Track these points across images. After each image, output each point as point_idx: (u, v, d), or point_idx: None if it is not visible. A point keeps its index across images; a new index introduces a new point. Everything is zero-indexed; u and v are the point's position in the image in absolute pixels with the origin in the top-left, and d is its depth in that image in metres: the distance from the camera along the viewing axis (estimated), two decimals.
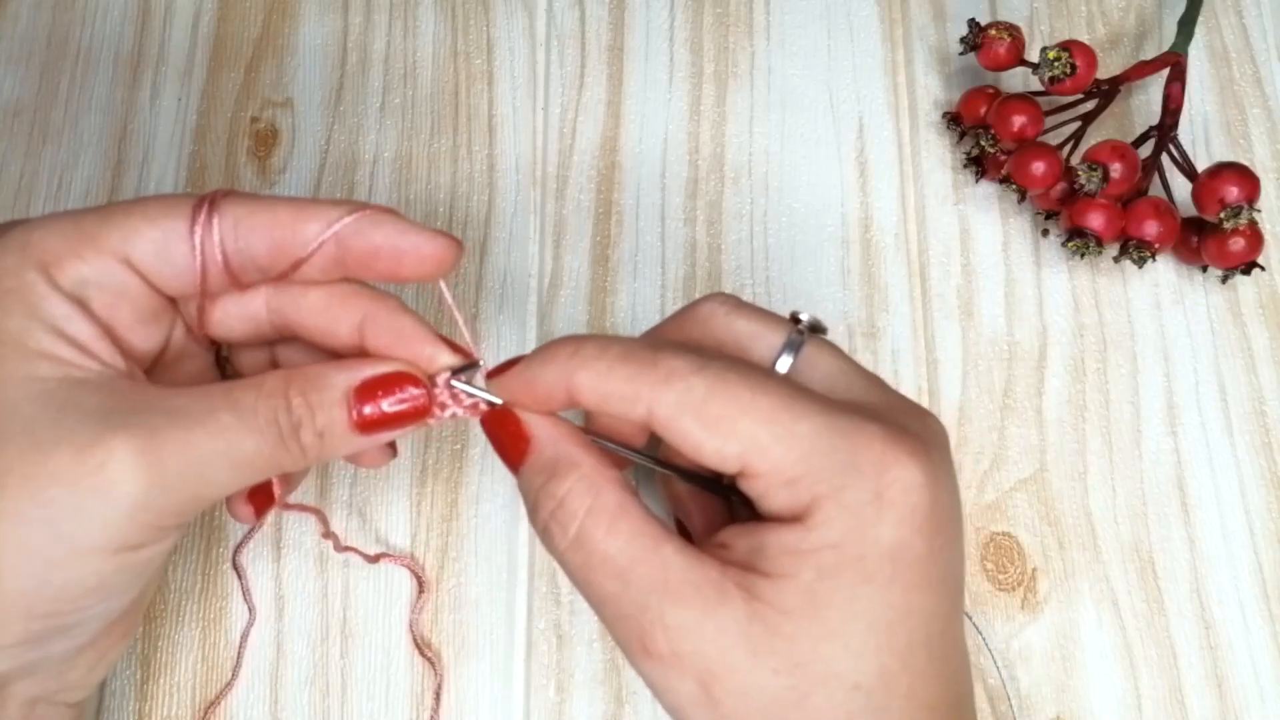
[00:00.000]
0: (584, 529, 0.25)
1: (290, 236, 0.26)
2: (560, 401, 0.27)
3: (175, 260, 0.26)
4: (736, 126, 0.44)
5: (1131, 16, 0.46)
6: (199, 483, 0.25)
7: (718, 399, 0.25)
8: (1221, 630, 0.36)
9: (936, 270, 0.41)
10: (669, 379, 0.25)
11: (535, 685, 0.36)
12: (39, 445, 0.24)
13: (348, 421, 0.26)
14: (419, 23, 0.45)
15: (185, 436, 0.25)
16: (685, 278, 0.41)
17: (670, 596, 0.25)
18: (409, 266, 0.27)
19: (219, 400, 0.26)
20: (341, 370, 0.27)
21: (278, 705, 0.35)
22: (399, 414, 0.27)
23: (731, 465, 0.25)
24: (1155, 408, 0.39)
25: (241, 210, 0.26)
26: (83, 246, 0.25)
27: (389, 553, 0.37)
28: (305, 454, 0.26)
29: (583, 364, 0.26)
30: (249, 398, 0.26)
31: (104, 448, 0.24)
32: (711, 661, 0.24)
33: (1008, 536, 0.38)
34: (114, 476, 0.24)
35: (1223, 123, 0.43)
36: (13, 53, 0.45)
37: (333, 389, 0.26)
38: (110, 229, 0.26)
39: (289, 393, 0.26)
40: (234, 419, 0.25)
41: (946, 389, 0.40)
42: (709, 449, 0.25)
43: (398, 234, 0.27)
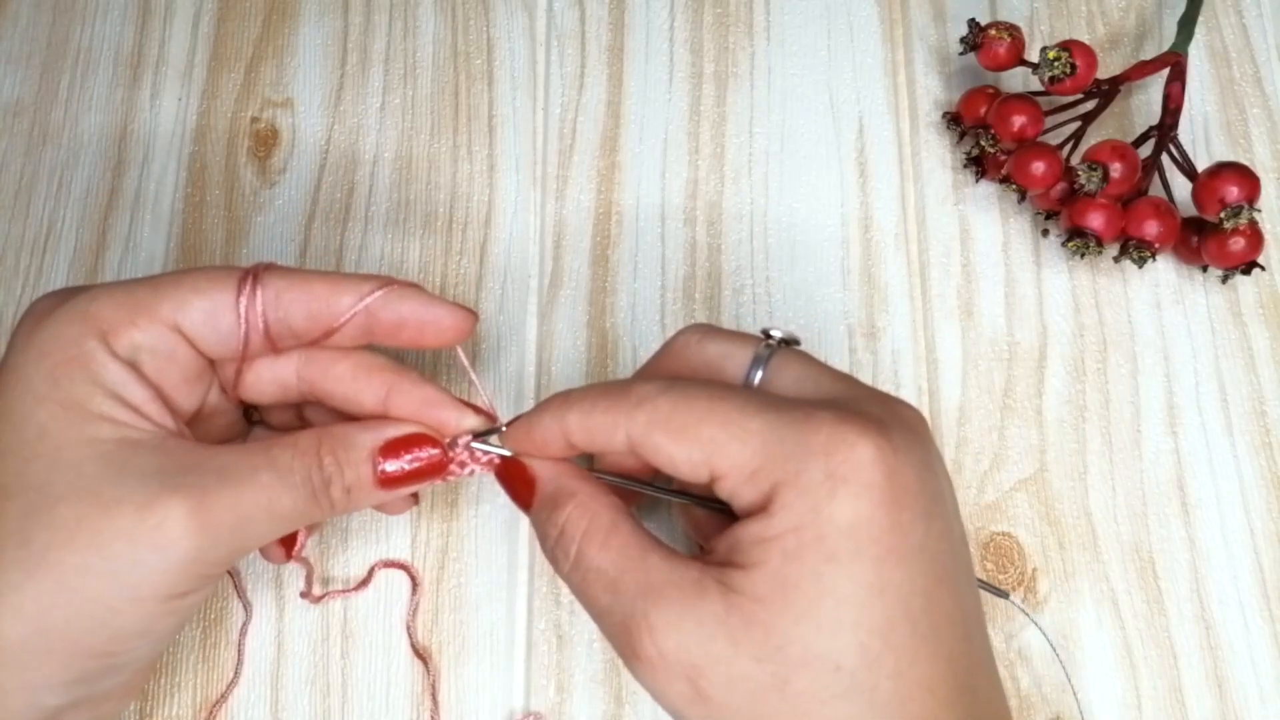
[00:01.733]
0: (580, 549, 0.28)
1: (325, 308, 0.29)
2: (559, 445, 0.29)
3: (221, 328, 0.29)
4: (736, 126, 0.43)
5: (1131, 16, 0.46)
6: (243, 536, 0.28)
7: (680, 412, 0.27)
8: (1221, 630, 0.36)
9: (936, 270, 0.41)
10: (640, 403, 0.27)
11: (535, 685, 0.36)
12: (103, 503, 0.26)
13: (372, 478, 0.29)
14: (419, 23, 0.45)
15: (233, 495, 0.27)
16: (685, 278, 0.41)
17: (653, 598, 0.26)
18: (430, 336, 0.30)
19: (260, 459, 0.28)
20: (367, 431, 0.30)
21: (278, 705, 0.35)
22: (417, 471, 0.30)
23: (702, 472, 0.27)
24: (1155, 408, 0.39)
25: (282, 283, 0.29)
26: (138, 315, 0.28)
27: (381, 561, 0.37)
28: (334, 507, 0.29)
29: (570, 407, 0.28)
30: (285, 457, 0.28)
31: (162, 507, 0.27)
32: (695, 656, 0.25)
33: (1008, 536, 0.38)
34: (170, 533, 0.26)
35: (1223, 123, 0.43)
36: (13, 53, 0.45)
37: (360, 448, 0.29)
38: (162, 299, 0.29)
39: (320, 452, 0.29)
40: (273, 478, 0.28)
41: (946, 389, 0.40)
42: (680, 459, 0.27)
43: (422, 307, 0.30)
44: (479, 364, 0.40)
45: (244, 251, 0.41)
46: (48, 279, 0.41)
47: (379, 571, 0.37)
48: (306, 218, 0.42)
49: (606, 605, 0.27)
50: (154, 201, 0.42)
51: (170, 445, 0.28)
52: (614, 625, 0.27)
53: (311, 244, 0.41)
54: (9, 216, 0.42)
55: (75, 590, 0.26)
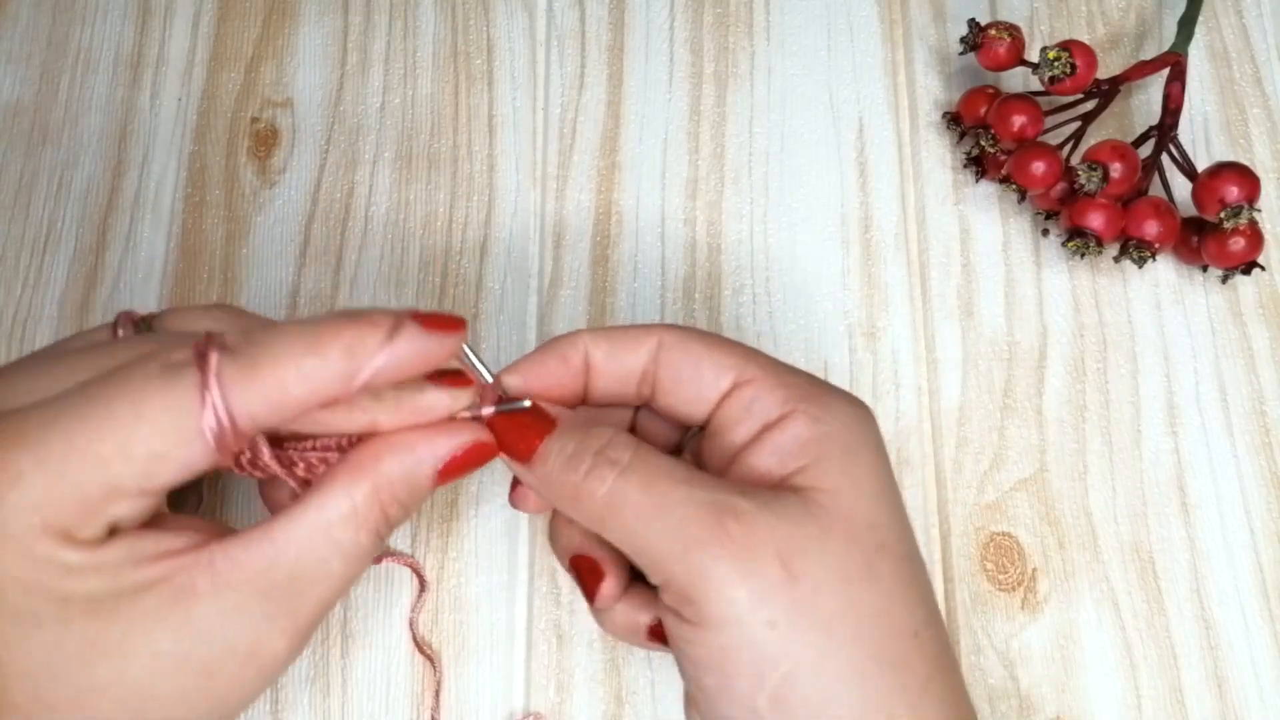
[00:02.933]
0: (640, 453, 0.27)
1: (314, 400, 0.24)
2: (575, 370, 0.29)
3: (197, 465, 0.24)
4: (736, 126, 0.43)
5: (1131, 16, 0.46)
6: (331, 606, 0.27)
7: (708, 335, 0.29)
8: (1221, 630, 0.36)
9: (936, 270, 0.41)
10: (669, 329, 0.29)
11: (535, 685, 0.36)
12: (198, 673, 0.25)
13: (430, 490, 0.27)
14: (419, 23, 0.45)
15: (317, 603, 0.26)
16: (685, 278, 0.41)
17: (736, 490, 0.26)
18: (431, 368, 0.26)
19: (327, 550, 0.25)
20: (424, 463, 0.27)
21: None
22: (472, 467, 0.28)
23: (727, 376, 0.28)
24: (1155, 408, 0.39)
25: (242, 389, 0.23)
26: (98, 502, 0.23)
27: (391, 552, 0.37)
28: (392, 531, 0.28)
29: (595, 331, 0.29)
30: (349, 535, 0.26)
31: (262, 654, 0.25)
32: (791, 539, 0.25)
33: (1008, 536, 0.38)
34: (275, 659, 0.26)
35: (1223, 123, 0.43)
36: (13, 53, 0.45)
37: (424, 477, 0.27)
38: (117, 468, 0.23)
39: (384, 506, 0.26)
40: (345, 564, 0.26)
41: (946, 389, 0.40)
42: (708, 363, 0.28)
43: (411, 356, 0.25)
44: None
45: (244, 251, 0.41)
46: (48, 279, 0.41)
47: (379, 568, 0.37)
48: (306, 218, 0.42)
49: (680, 497, 0.26)
50: (154, 201, 0.42)
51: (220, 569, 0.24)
52: (690, 514, 0.25)
53: (311, 244, 0.41)
54: (9, 216, 0.42)
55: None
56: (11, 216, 0.42)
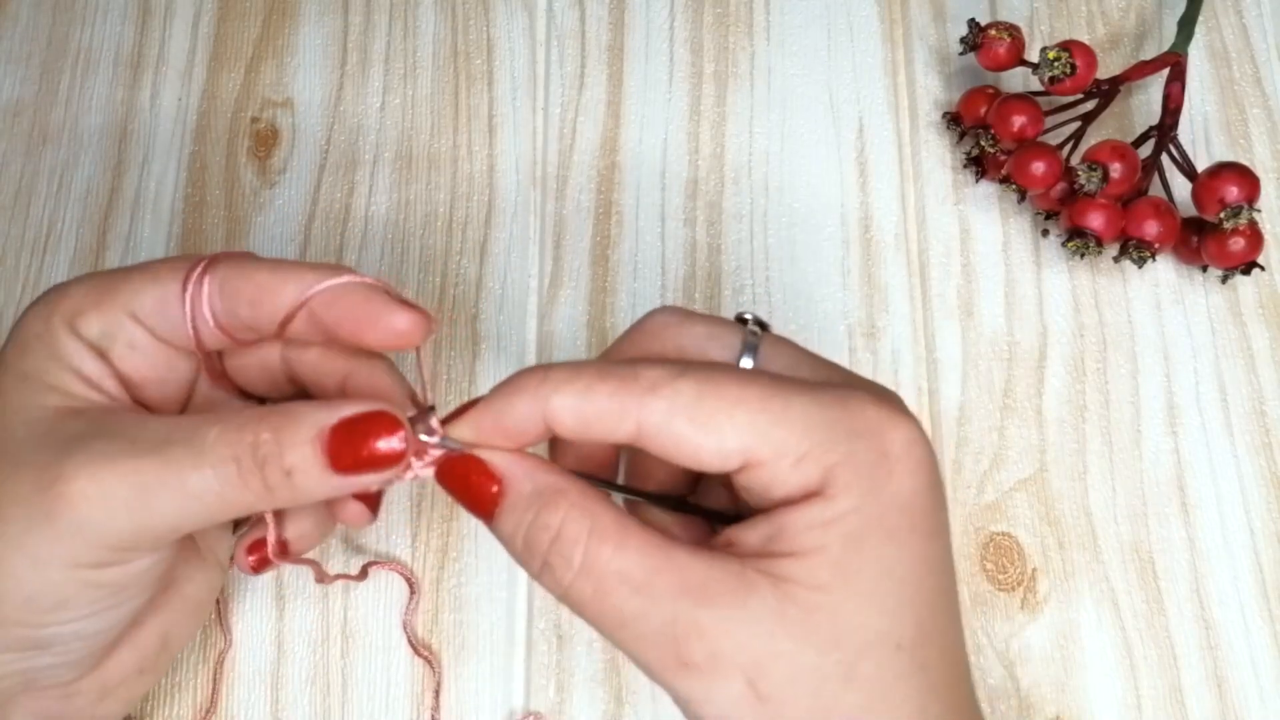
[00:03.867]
0: (589, 552, 0.24)
1: (267, 299, 0.27)
2: (534, 434, 0.25)
3: (171, 317, 0.28)
4: (736, 126, 0.44)
5: (1131, 16, 0.46)
6: (145, 511, 0.25)
7: (707, 399, 0.24)
8: (1221, 630, 0.36)
9: (936, 270, 0.41)
10: (654, 388, 0.24)
11: (535, 685, 0.36)
12: (15, 465, 0.26)
13: (320, 461, 0.25)
14: (419, 23, 0.45)
15: (134, 465, 0.25)
16: (685, 278, 0.41)
17: (697, 599, 0.24)
18: (373, 338, 0.27)
19: (181, 432, 0.26)
20: (319, 408, 0.26)
21: (278, 705, 0.35)
22: (379, 456, 0.25)
23: (733, 461, 0.24)
24: (1155, 408, 0.39)
25: (228, 272, 0.28)
26: (101, 301, 0.28)
27: (375, 560, 0.37)
28: (271, 493, 0.25)
29: (556, 388, 0.25)
30: (213, 432, 0.25)
31: (57, 470, 0.25)
32: (755, 653, 0.24)
33: (1008, 536, 0.38)
34: (63, 495, 0.25)
35: (1223, 123, 0.43)
36: (13, 53, 0.45)
37: (307, 426, 0.25)
38: (124, 287, 0.28)
39: (259, 428, 0.25)
40: (185, 451, 0.25)
41: (946, 389, 0.40)
42: (708, 449, 0.24)
43: (362, 304, 0.27)
44: (478, 364, 0.40)
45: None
46: (48, 279, 0.41)
47: (379, 570, 0.37)
48: (306, 218, 0.42)
49: (634, 611, 0.24)
50: (154, 201, 0.42)
51: (110, 415, 0.27)
52: (647, 635, 0.24)
53: (311, 244, 0.41)
54: (9, 216, 0.42)
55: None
56: (11, 216, 0.42)
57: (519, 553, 0.25)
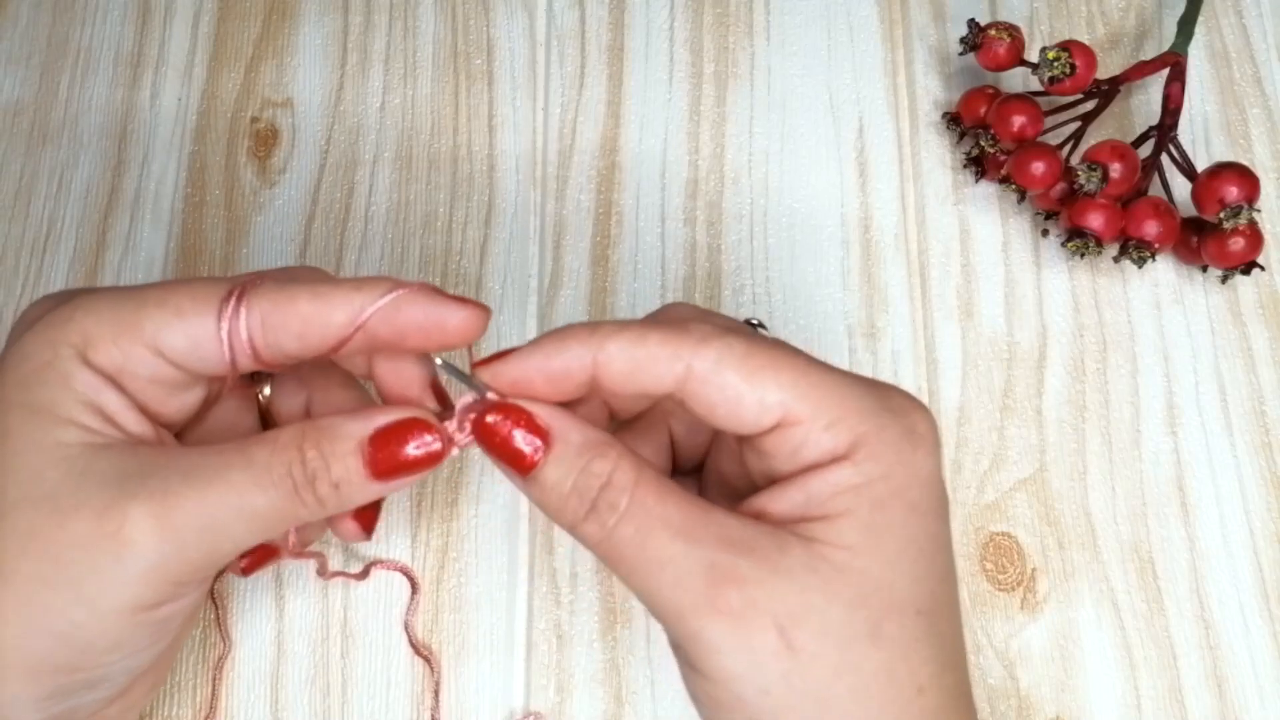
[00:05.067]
0: (636, 498, 0.25)
1: (315, 332, 0.27)
2: (579, 382, 0.26)
3: (204, 354, 0.27)
4: (736, 126, 0.44)
5: (1131, 16, 0.46)
6: (215, 540, 0.26)
7: (757, 354, 0.25)
8: (1221, 630, 0.37)
9: (936, 270, 0.41)
10: (706, 339, 0.25)
11: (535, 685, 0.36)
12: (60, 510, 0.25)
13: (364, 471, 0.27)
14: (419, 23, 0.45)
15: (199, 496, 0.25)
16: (685, 278, 0.41)
17: (737, 550, 0.25)
18: (436, 341, 0.27)
19: (234, 457, 0.26)
20: (355, 420, 0.27)
21: (278, 705, 0.35)
22: (415, 460, 0.27)
23: (770, 416, 0.25)
24: (1155, 408, 0.39)
25: (267, 305, 0.27)
26: (119, 335, 0.26)
27: (379, 560, 0.37)
28: (322, 505, 0.27)
29: (609, 336, 0.26)
30: (263, 454, 0.26)
31: (120, 511, 0.25)
32: (790, 606, 0.24)
33: (1007, 536, 0.38)
34: (130, 539, 0.25)
35: (1223, 123, 0.43)
36: (13, 53, 0.45)
37: (347, 439, 0.26)
38: (144, 318, 0.26)
39: (303, 446, 0.26)
40: (247, 476, 0.26)
41: (946, 389, 0.40)
42: (750, 400, 0.25)
43: (423, 313, 0.27)
44: None
45: (244, 251, 0.41)
46: (48, 279, 0.41)
47: (380, 570, 0.37)
48: (306, 218, 0.42)
49: (674, 555, 0.25)
50: (154, 201, 0.42)
51: (140, 450, 0.27)
52: (683, 577, 0.25)
53: (311, 244, 0.41)
54: (9, 216, 0.42)
55: (31, 603, 0.25)
56: (11, 216, 0.42)
57: (564, 499, 0.26)
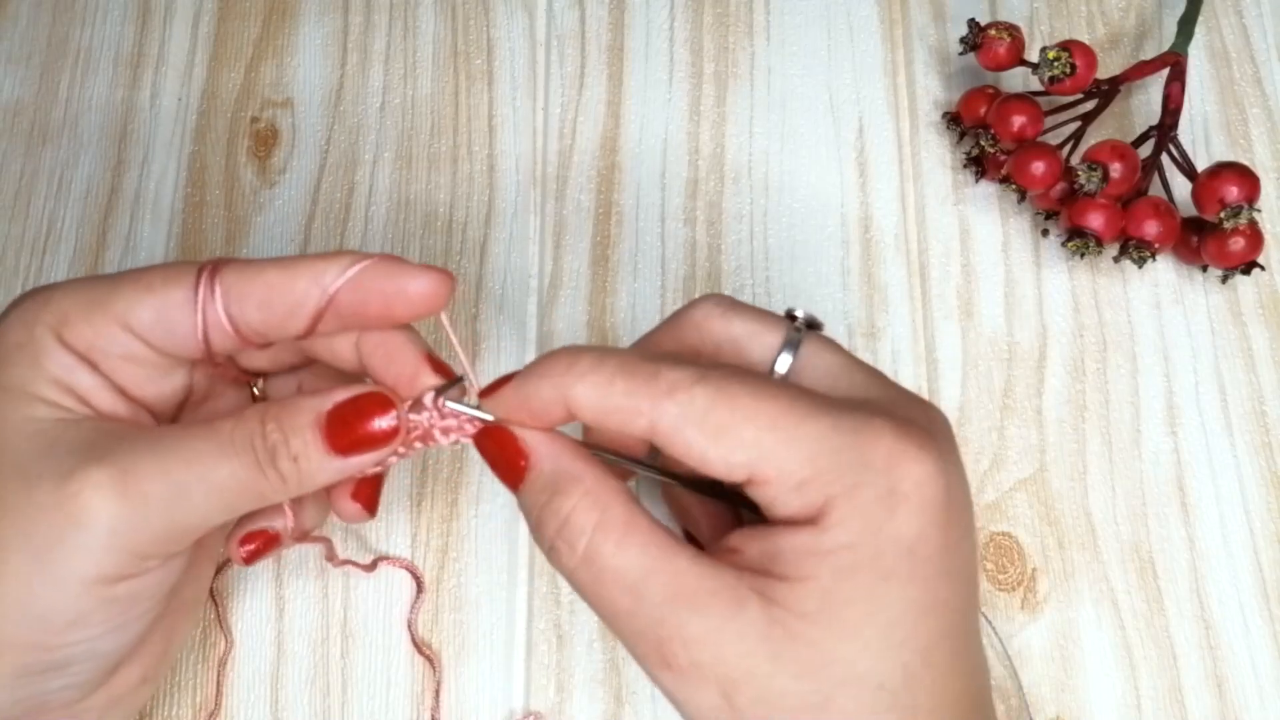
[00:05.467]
0: (592, 545, 0.25)
1: (278, 299, 0.27)
2: (558, 416, 0.26)
3: (176, 329, 0.27)
4: (736, 126, 0.44)
5: (1131, 16, 0.46)
6: (178, 510, 0.26)
7: (720, 409, 0.24)
8: (1221, 630, 0.37)
9: (936, 270, 0.41)
10: (670, 392, 0.24)
11: (535, 685, 0.36)
12: (26, 477, 0.25)
13: (321, 444, 0.27)
14: (419, 23, 0.45)
15: (161, 463, 0.25)
16: (685, 278, 0.41)
17: (686, 606, 0.24)
18: (401, 309, 0.27)
19: (199, 430, 0.27)
20: (314, 397, 0.27)
21: (278, 705, 0.35)
22: (372, 435, 0.27)
23: (739, 474, 0.24)
24: (1155, 408, 0.39)
25: (234, 276, 0.27)
26: (91, 313, 0.27)
27: (386, 556, 0.37)
28: (285, 481, 0.27)
29: (579, 378, 0.25)
30: (226, 426, 0.27)
31: (81, 476, 0.25)
32: (732, 669, 0.24)
33: (1008, 536, 0.38)
34: (90, 504, 0.25)
35: (1223, 123, 0.43)
36: (13, 53, 0.45)
37: (304, 413, 0.27)
38: (116, 298, 0.27)
39: (264, 419, 0.27)
40: (211, 445, 0.26)
41: (946, 389, 0.40)
42: (714, 459, 0.24)
43: (383, 280, 0.27)
44: (479, 364, 0.40)
45: (244, 251, 0.41)
46: (48, 279, 0.41)
47: (385, 567, 0.37)
48: (306, 218, 0.42)
49: (626, 608, 0.25)
50: (154, 201, 0.42)
51: (111, 424, 0.27)
52: (635, 631, 0.25)
53: (311, 244, 0.41)
54: (9, 216, 0.42)
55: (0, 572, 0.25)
56: (11, 216, 0.42)
57: (532, 528, 0.26)
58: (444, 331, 0.28)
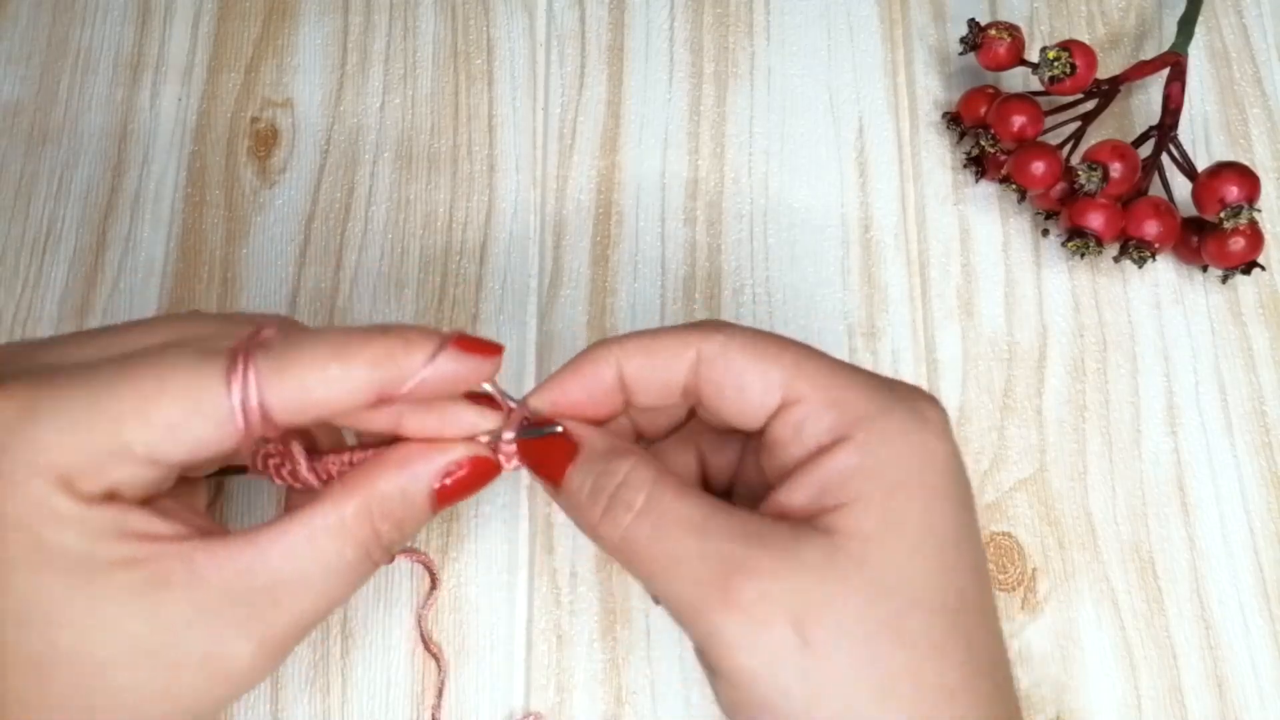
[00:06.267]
0: (654, 494, 0.25)
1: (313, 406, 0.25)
2: (612, 390, 0.27)
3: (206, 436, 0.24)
4: (736, 126, 0.44)
5: (1131, 16, 0.46)
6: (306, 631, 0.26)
7: (764, 338, 0.26)
8: (1221, 630, 0.36)
9: (936, 270, 0.41)
10: (715, 328, 0.27)
11: (535, 685, 0.36)
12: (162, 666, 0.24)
13: (430, 510, 0.27)
14: (419, 23, 0.45)
15: (291, 613, 0.25)
16: (685, 278, 0.41)
17: (755, 540, 0.24)
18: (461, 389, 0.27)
19: (309, 563, 0.25)
20: (419, 477, 0.27)
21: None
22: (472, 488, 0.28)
23: (774, 394, 0.26)
24: (1155, 408, 0.39)
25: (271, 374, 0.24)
26: (105, 458, 0.23)
27: (404, 548, 0.36)
28: (388, 556, 0.27)
29: (621, 345, 0.27)
30: (334, 547, 0.25)
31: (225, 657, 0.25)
32: (806, 599, 0.23)
33: (1008, 536, 0.38)
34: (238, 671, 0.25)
35: (1223, 122, 0.43)
36: (13, 53, 0.45)
37: (419, 498, 0.27)
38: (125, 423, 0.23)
39: (375, 522, 0.26)
40: (328, 577, 0.26)
41: (946, 389, 0.40)
42: (755, 380, 0.26)
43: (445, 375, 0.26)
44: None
45: (244, 251, 0.41)
46: (48, 279, 0.41)
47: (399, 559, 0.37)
48: (306, 218, 0.42)
49: (689, 550, 0.24)
50: (154, 201, 0.42)
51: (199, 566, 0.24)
52: (699, 571, 0.24)
53: (311, 244, 0.41)
54: (9, 216, 0.42)
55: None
56: (11, 216, 0.42)
57: (584, 499, 0.26)
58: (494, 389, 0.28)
